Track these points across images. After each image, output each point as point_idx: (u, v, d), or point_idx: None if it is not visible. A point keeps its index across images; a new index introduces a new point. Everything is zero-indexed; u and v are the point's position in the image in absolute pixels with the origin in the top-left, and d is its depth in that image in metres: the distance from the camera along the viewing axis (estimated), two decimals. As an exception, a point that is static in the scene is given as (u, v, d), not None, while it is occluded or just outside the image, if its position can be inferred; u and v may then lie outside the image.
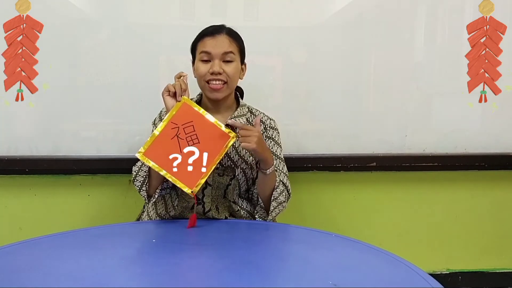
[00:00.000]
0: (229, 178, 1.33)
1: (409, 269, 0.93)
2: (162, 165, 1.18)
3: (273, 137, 1.39)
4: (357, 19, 1.81)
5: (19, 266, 0.91)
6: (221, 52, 1.27)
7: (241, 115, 1.36)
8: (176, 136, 1.20)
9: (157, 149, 1.19)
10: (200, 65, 1.29)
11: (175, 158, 1.18)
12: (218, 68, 1.26)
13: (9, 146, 1.70)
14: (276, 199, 1.31)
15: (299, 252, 1.03)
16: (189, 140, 1.20)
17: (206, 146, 1.20)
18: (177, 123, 1.21)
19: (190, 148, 1.19)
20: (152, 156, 1.18)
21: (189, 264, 0.93)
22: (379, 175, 1.89)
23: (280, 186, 1.31)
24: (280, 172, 1.36)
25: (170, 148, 1.19)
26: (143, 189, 1.29)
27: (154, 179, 1.27)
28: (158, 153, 1.18)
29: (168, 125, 1.20)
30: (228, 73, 1.28)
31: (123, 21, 1.71)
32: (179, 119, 1.21)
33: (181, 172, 1.18)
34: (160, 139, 1.19)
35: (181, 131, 1.20)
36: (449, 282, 1.98)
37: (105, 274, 0.87)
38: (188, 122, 1.21)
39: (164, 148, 1.19)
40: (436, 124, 1.88)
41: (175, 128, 1.20)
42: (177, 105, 1.22)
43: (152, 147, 1.19)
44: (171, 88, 1.23)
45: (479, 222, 1.97)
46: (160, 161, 1.18)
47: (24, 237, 1.10)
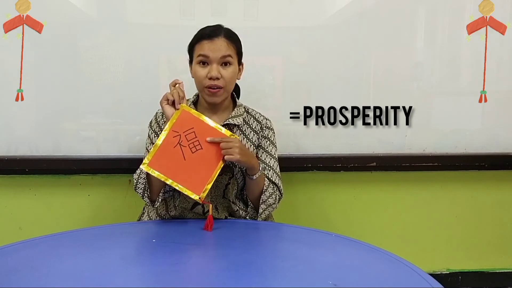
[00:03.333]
0: (228, 177, 1.33)
1: (409, 269, 0.93)
2: (167, 174, 1.18)
3: (268, 137, 1.39)
4: (357, 19, 1.81)
5: (19, 266, 0.91)
6: (218, 56, 1.27)
7: (238, 115, 1.36)
8: (178, 144, 1.20)
9: (161, 159, 1.19)
10: (198, 68, 1.29)
11: (179, 166, 1.19)
12: (216, 73, 1.26)
13: (9, 146, 1.70)
14: (265, 202, 1.31)
15: (299, 252, 1.03)
16: (192, 147, 1.20)
17: (209, 151, 1.20)
18: (178, 131, 1.21)
19: (194, 155, 1.20)
20: (156, 166, 1.18)
21: (189, 264, 0.93)
22: (379, 175, 1.89)
23: (269, 189, 1.31)
24: (273, 172, 1.36)
25: (174, 156, 1.19)
26: (146, 195, 1.29)
27: (155, 186, 1.27)
28: (162, 163, 1.18)
29: (170, 134, 1.20)
30: (225, 78, 1.28)
31: (123, 21, 1.71)
32: (180, 127, 1.21)
33: (186, 179, 1.18)
34: (163, 149, 1.19)
35: (183, 139, 1.20)
36: (449, 282, 1.98)
37: (105, 274, 0.87)
38: (189, 129, 1.21)
39: (167, 157, 1.19)
40: (436, 124, 1.88)
41: (177, 136, 1.20)
42: (177, 113, 1.22)
43: (155, 157, 1.19)
44: (169, 97, 1.24)
45: (479, 222, 1.97)
46: (164, 170, 1.18)
47: (24, 237, 1.10)
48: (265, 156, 1.37)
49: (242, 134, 1.36)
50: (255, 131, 1.38)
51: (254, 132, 1.38)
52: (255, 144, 1.38)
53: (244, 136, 1.36)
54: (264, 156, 1.37)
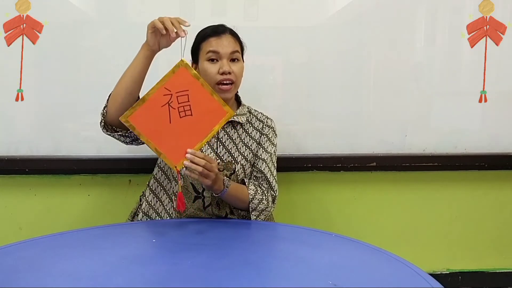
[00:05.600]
0: (229, 173, 1.34)
1: (409, 269, 0.93)
2: (148, 134, 1.09)
3: (267, 134, 1.40)
4: (357, 19, 1.81)
5: (19, 266, 0.91)
6: (229, 51, 1.28)
7: (242, 114, 1.38)
8: (167, 104, 1.08)
9: (144, 115, 1.08)
10: (208, 65, 1.28)
11: (162, 128, 1.09)
12: (228, 67, 1.26)
13: (9, 146, 1.70)
14: (255, 209, 1.31)
15: (299, 252, 1.03)
16: (181, 111, 1.09)
17: (199, 120, 1.10)
18: (171, 90, 1.08)
19: (181, 120, 1.09)
20: (138, 122, 1.08)
21: (189, 264, 0.93)
22: (379, 175, 1.89)
23: (257, 196, 1.31)
24: (267, 168, 1.36)
25: (159, 116, 1.08)
26: (103, 112, 1.22)
27: (118, 93, 1.18)
28: (145, 120, 1.08)
29: (161, 90, 1.08)
30: (236, 73, 1.29)
31: (123, 21, 1.71)
32: (174, 86, 1.09)
33: (167, 144, 1.09)
34: (149, 105, 1.08)
35: (173, 99, 1.09)
36: (449, 282, 1.98)
37: (105, 274, 0.87)
38: (183, 91, 1.09)
39: (152, 116, 1.08)
40: (436, 124, 1.88)
41: (168, 95, 1.08)
42: (174, 68, 1.10)
43: (139, 112, 1.08)
44: (157, 25, 1.11)
45: (479, 222, 1.97)
46: (146, 129, 1.08)
47: (24, 237, 1.10)
48: (261, 152, 1.38)
49: (245, 132, 1.38)
50: (257, 129, 1.40)
51: (256, 131, 1.40)
52: (257, 142, 1.39)
53: (247, 135, 1.37)
54: (261, 152, 1.38)
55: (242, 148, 1.35)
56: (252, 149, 1.37)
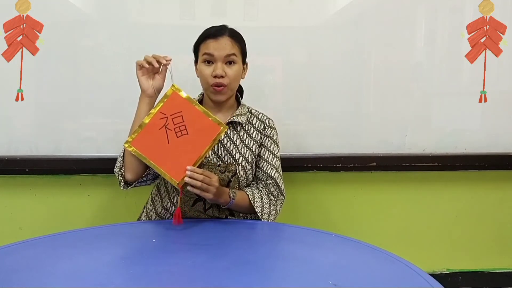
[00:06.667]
0: (231, 175, 1.34)
1: (409, 269, 0.93)
2: (149, 156, 1.17)
3: (271, 136, 1.41)
4: (357, 19, 1.81)
5: (19, 266, 0.91)
6: (223, 55, 1.28)
7: (242, 114, 1.37)
8: (164, 126, 1.18)
9: (145, 139, 1.18)
10: (204, 67, 1.30)
11: (162, 149, 1.17)
12: (221, 71, 1.27)
13: (9, 146, 1.70)
14: (264, 214, 1.33)
15: (299, 252, 1.03)
16: (178, 131, 1.18)
17: (195, 138, 1.18)
18: (166, 113, 1.18)
19: (178, 139, 1.17)
20: (139, 146, 1.18)
21: (189, 264, 0.93)
22: (379, 175, 1.89)
23: (265, 210, 1.33)
24: (276, 172, 1.38)
25: (158, 138, 1.17)
26: (120, 173, 1.30)
27: (133, 164, 1.26)
28: (145, 143, 1.18)
29: (157, 115, 1.18)
30: (230, 76, 1.29)
31: (123, 21, 1.71)
32: (169, 109, 1.19)
33: (167, 163, 1.17)
34: (148, 130, 1.18)
35: (169, 122, 1.18)
36: (449, 282, 1.98)
37: (105, 274, 0.87)
38: (177, 112, 1.18)
39: (151, 138, 1.18)
40: (436, 124, 1.88)
41: (164, 118, 1.18)
42: (167, 94, 1.20)
43: (140, 136, 1.18)
44: (143, 64, 1.23)
45: (479, 222, 1.97)
46: (147, 151, 1.18)
47: (24, 237, 1.10)
48: (267, 155, 1.38)
49: (246, 133, 1.37)
50: (258, 130, 1.40)
51: (257, 131, 1.39)
52: (258, 143, 1.39)
53: (248, 135, 1.37)
54: (267, 155, 1.38)
55: (243, 149, 1.35)
56: (252, 150, 1.37)
